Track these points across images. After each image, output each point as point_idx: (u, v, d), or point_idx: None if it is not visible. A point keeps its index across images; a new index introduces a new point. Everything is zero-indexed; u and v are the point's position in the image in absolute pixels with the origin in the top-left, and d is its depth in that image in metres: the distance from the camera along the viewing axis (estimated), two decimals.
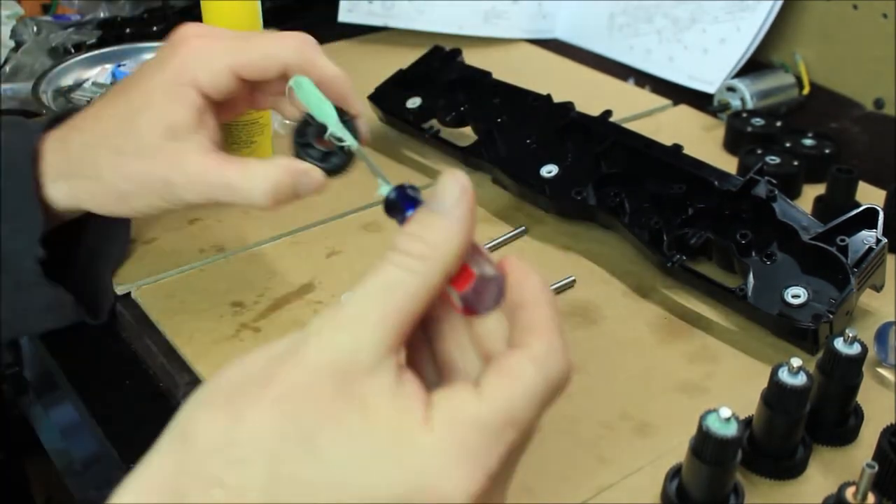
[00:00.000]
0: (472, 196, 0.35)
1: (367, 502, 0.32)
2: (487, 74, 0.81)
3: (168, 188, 0.53)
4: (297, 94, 0.49)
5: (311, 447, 0.32)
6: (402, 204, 0.38)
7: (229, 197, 0.52)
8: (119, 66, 0.89)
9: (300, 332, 0.34)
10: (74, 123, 0.55)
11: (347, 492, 0.32)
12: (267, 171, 0.51)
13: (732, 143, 0.83)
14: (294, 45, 0.53)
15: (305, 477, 0.32)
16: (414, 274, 0.34)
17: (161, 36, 1.00)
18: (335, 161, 0.51)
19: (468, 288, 0.36)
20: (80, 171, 0.54)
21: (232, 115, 0.59)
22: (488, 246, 0.68)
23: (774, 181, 0.63)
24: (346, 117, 0.48)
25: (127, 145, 0.53)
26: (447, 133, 0.80)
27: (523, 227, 0.70)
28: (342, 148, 0.49)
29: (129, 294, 0.64)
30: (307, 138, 0.50)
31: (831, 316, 0.56)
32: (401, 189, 0.38)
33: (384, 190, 0.38)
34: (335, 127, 0.47)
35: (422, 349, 0.38)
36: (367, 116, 0.85)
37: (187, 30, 0.55)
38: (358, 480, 0.32)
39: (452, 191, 0.35)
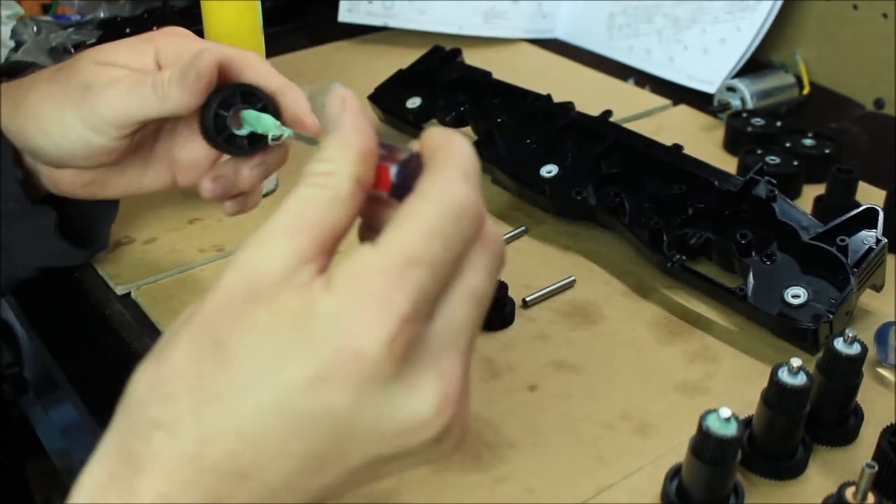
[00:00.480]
0: (354, 102, 0.36)
1: (287, 397, 0.31)
2: (487, 74, 0.81)
3: (83, 94, 0.52)
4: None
5: (223, 356, 0.32)
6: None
7: (153, 111, 0.52)
8: None
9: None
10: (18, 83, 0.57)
11: (265, 386, 0.31)
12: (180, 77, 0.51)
13: (732, 143, 0.83)
14: (247, 63, 0.53)
15: (224, 386, 0.32)
16: (322, 188, 0.34)
17: None
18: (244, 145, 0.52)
19: (391, 181, 0.36)
20: (21, 117, 0.55)
21: None
22: None
23: (774, 181, 0.63)
24: (260, 101, 0.51)
25: (62, 68, 0.54)
26: None
27: (523, 227, 0.70)
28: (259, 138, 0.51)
29: (129, 294, 0.64)
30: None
31: (831, 316, 0.56)
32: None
33: None
34: (275, 129, 0.49)
35: None
36: (367, 116, 0.85)
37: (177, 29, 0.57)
38: (272, 372, 0.31)
39: (335, 106, 0.36)
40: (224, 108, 0.51)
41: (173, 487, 0.32)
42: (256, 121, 0.51)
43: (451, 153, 0.35)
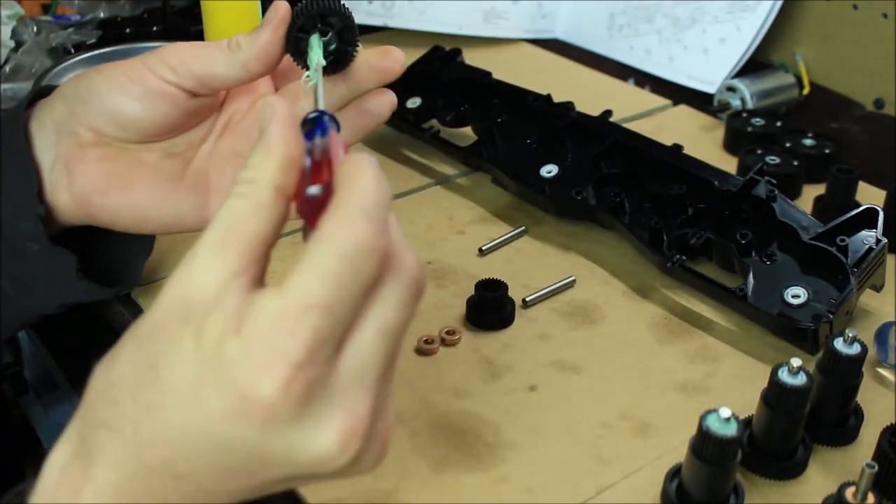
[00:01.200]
0: (285, 112, 0.37)
1: (206, 423, 0.34)
2: (487, 74, 0.81)
3: (150, 61, 0.51)
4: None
5: (156, 375, 0.34)
6: (313, 127, 0.39)
7: (222, 66, 0.50)
8: None
9: None
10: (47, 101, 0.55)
11: (188, 413, 0.34)
12: (252, 36, 0.50)
13: (732, 143, 0.83)
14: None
15: (157, 403, 0.34)
16: (245, 198, 0.35)
17: (161, 36, 1.00)
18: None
19: (299, 204, 0.37)
20: (70, 113, 0.53)
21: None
22: (488, 246, 0.68)
23: (774, 181, 0.63)
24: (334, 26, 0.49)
25: (107, 68, 0.53)
26: (447, 133, 0.80)
27: (523, 228, 0.70)
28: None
29: (129, 294, 0.64)
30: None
31: (831, 316, 0.56)
32: (322, 115, 0.40)
33: (312, 114, 0.41)
34: (311, 70, 0.48)
35: None
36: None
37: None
38: (193, 400, 0.34)
39: (265, 114, 0.37)
40: (303, 31, 0.50)
41: (121, 479, 0.35)
42: (311, 51, 0.49)
43: (354, 187, 0.35)
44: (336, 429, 0.34)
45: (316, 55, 0.48)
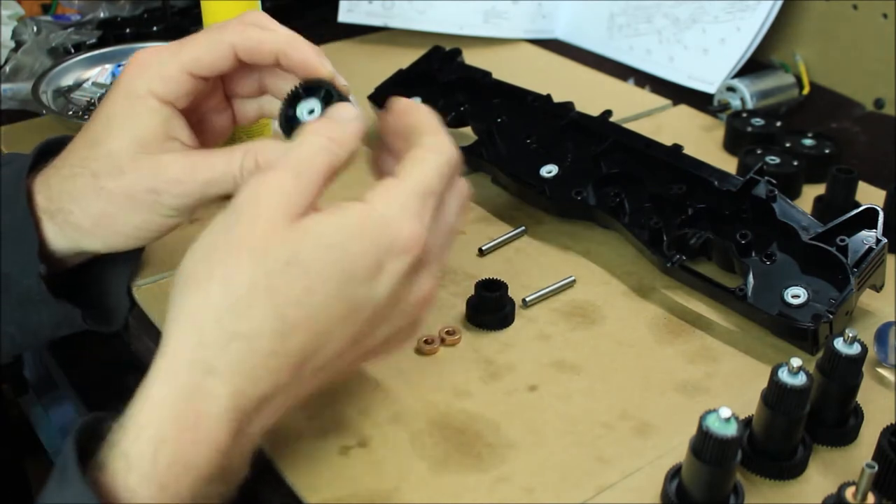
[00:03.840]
0: (360, 117, 0.49)
1: (359, 269, 0.42)
2: (487, 74, 0.81)
3: (153, 198, 0.52)
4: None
5: (298, 269, 0.41)
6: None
7: (219, 187, 0.51)
8: (119, 66, 0.89)
9: (227, 208, 0.43)
10: (54, 162, 0.55)
11: (341, 270, 0.42)
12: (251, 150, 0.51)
13: (732, 143, 0.83)
14: (236, 28, 0.53)
15: (301, 289, 0.41)
16: (329, 151, 0.45)
17: (161, 36, 1.00)
18: None
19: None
20: (63, 205, 0.53)
21: (220, 120, 0.58)
22: (488, 246, 0.68)
23: (774, 181, 0.63)
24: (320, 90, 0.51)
25: (101, 168, 0.52)
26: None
27: (523, 228, 0.70)
28: None
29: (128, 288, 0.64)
30: (295, 111, 0.51)
31: (831, 316, 0.56)
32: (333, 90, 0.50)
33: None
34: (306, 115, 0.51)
35: None
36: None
37: (140, 51, 0.55)
38: (345, 260, 0.42)
39: (356, 111, 0.49)
40: (291, 105, 0.51)
41: (246, 383, 0.41)
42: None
43: (434, 122, 0.49)
44: (413, 232, 0.44)
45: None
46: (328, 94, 0.51)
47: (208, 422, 0.40)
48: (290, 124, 0.51)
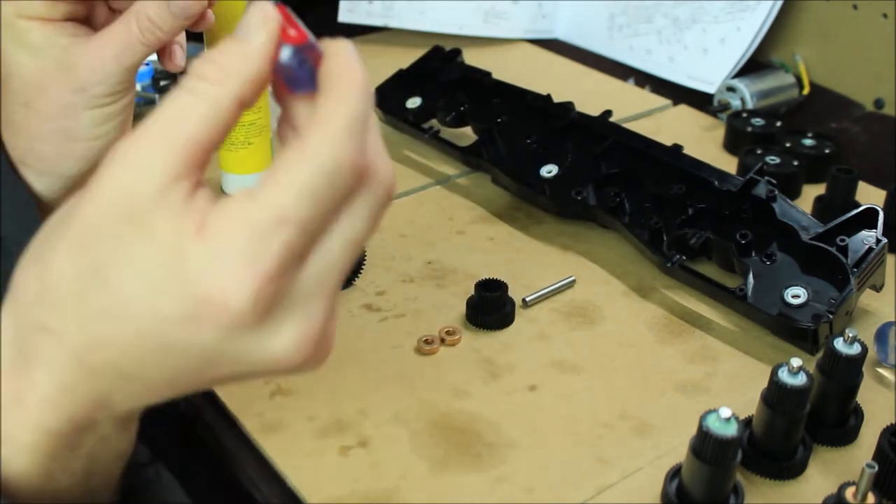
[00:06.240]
0: (276, 23, 0.35)
1: (162, 325, 0.33)
2: (487, 74, 0.81)
3: (84, 94, 0.50)
4: None
5: (105, 278, 0.33)
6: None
7: (131, 55, 0.49)
8: None
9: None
10: None
11: (142, 316, 0.33)
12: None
13: (732, 143, 0.83)
14: None
15: (105, 307, 0.34)
16: (203, 98, 0.34)
17: None
18: None
19: (282, 64, 0.35)
20: (25, 151, 0.52)
21: None
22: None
23: (774, 181, 0.63)
24: None
25: (27, 96, 0.51)
26: (447, 133, 0.80)
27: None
28: None
29: None
30: None
31: (831, 316, 0.56)
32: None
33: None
34: None
35: None
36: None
37: None
38: (147, 303, 0.33)
39: (255, 19, 0.35)
40: None
41: (64, 381, 0.35)
42: None
43: (341, 95, 0.34)
44: (294, 333, 0.34)
45: None
46: None
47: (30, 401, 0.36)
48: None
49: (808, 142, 0.80)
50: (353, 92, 0.34)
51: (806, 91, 0.95)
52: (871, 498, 0.42)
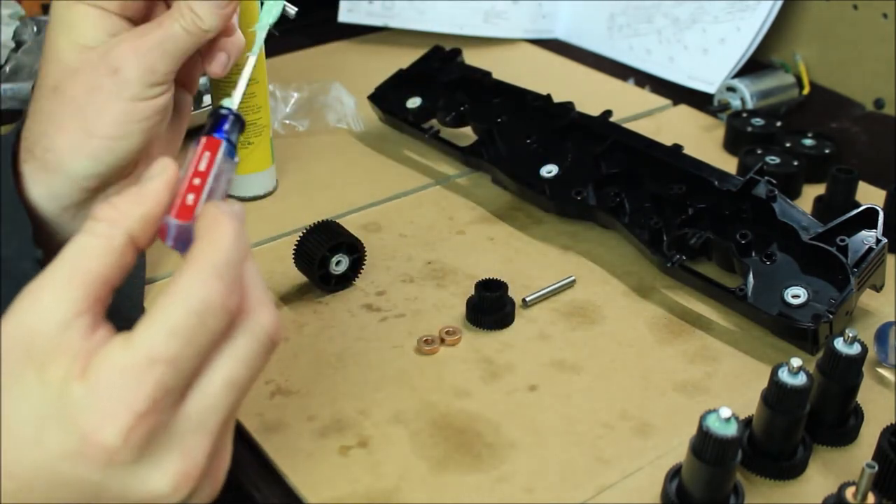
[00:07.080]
0: (172, 179, 0.38)
1: (47, 460, 0.35)
2: (487, 74, 0.81)
3: (115, 79, 0.48)
4: None
5: (0, 410, 0.35)
6: (219, 122, 0.42)
7: (175, 42, 0.49)
8: None
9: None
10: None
11: (30, 450, 0.35)
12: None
13: (732, 143, 0.83)
14: None
15: (0, 436, 0.35)
16: (99, 237, 0.36)
17: None
18: None
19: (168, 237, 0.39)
20: (39, 139, 0.51)
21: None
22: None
23: (774, 181, 0.63)
24: None
25: (57, 79, 0.50)
26: (447, 133, 0.80)
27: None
28: None
29: None
30: None
31: (831, 316, 0.56)
32: (229, 114, 0.42)
33: (226, 102, 0.42)
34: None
35: None
36: (367, 116, 0.85)
37: None
38: (36, 439, 0.35)
39: (155, 168, 0.38)
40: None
41: None
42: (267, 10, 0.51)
43: (210, 242, 0.36)
44: (172, 471, 0.36)
45: (267, 15, 0.50)
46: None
47: None
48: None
49: (808, 142, 0.80)
50: (223, 239, 0.37)
51: (806, 91, 0.95)
52: (871, 498, 0.42)
